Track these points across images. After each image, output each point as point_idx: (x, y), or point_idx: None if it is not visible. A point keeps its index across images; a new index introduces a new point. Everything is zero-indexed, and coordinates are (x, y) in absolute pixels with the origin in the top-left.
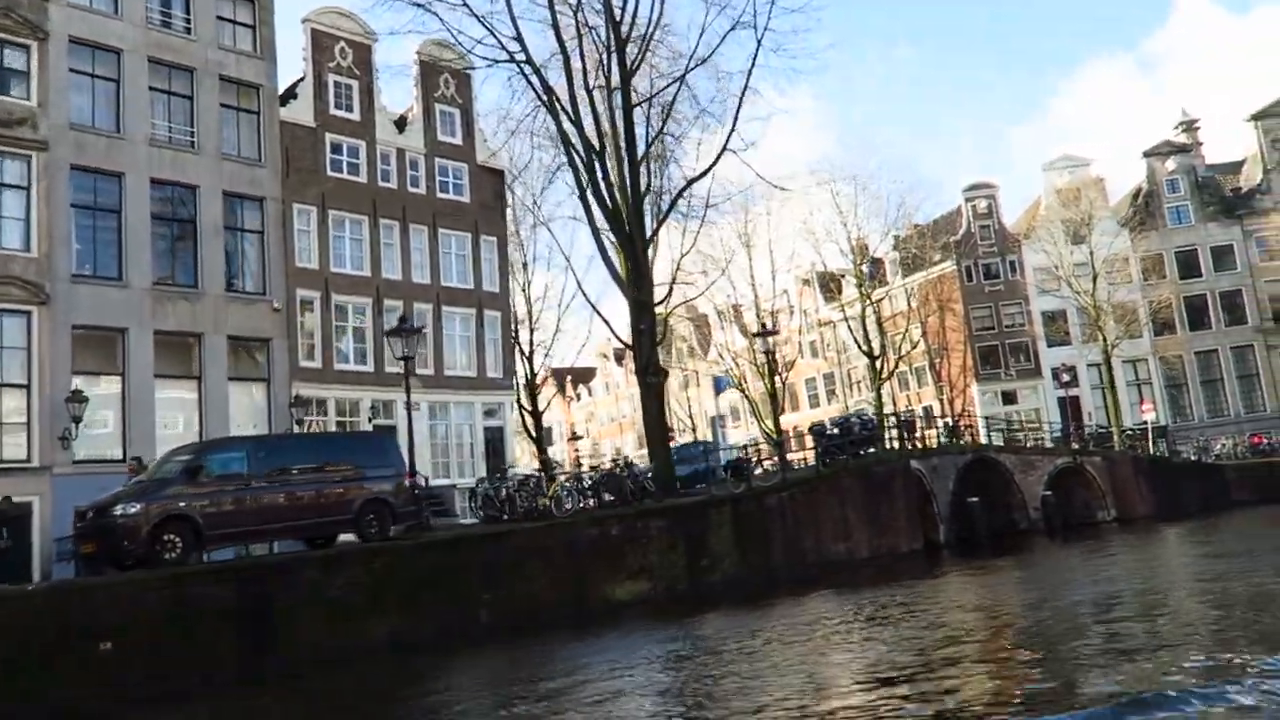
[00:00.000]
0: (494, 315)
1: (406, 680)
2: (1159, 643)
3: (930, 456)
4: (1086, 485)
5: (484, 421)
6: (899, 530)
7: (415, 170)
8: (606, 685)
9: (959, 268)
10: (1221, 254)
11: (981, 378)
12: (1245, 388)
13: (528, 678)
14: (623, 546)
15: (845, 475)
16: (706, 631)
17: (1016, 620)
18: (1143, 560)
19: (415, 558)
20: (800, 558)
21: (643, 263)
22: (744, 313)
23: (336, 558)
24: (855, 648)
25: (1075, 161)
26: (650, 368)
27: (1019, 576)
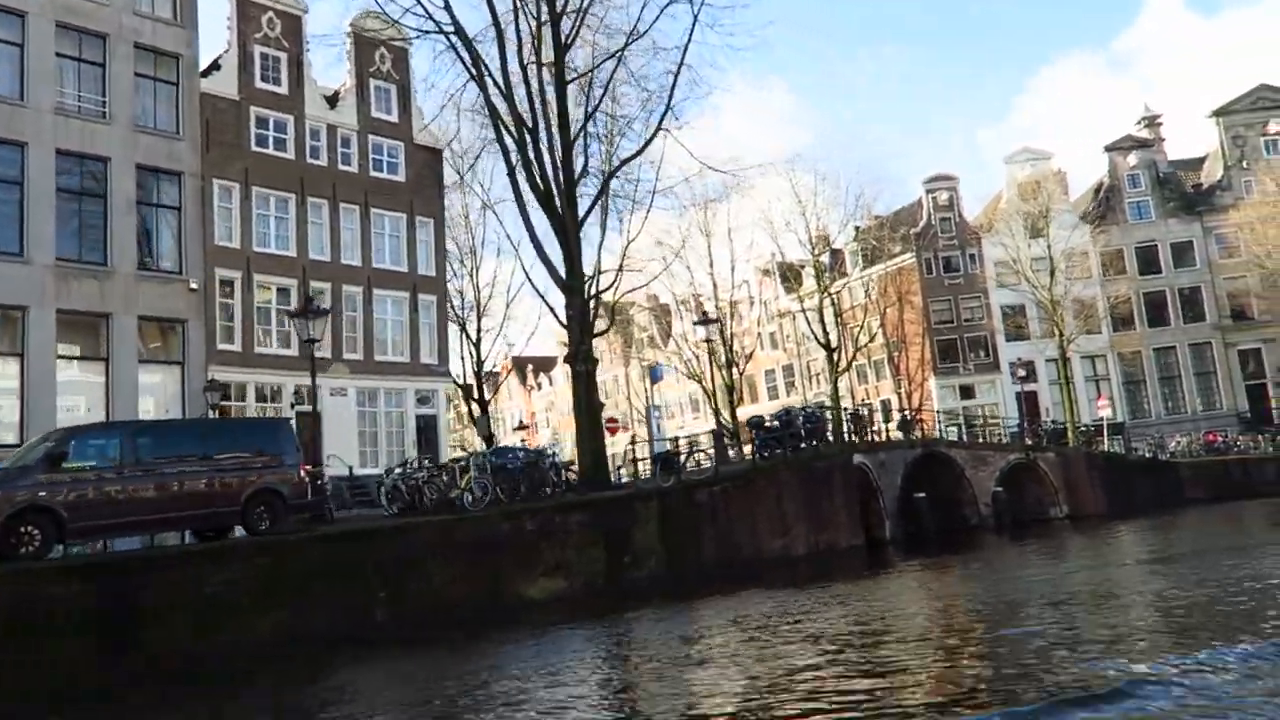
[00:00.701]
0: (429, 299)
1: (285, 682)
2: (1096, 640)
3: (878, 451)
4: (1039, 482)
5: (417, 409)
6: (839, 526)
7: (347, 147)
8: (498, 690)
9: (919, 260)
10: (1181, 250)
11: (939, 372)
12: (1203, 385)
13: (420, 686)
14: (539, 542)
15: (784, 469)
16: (617, 631)
17: (944, 619)
18: (1087, 558)
19: (306, 553)
20: (733, 554)
21: (574, 246)
22: (705, 303)
23: (215, 553)
24: (770, 649)
25: (1036, 154)
26: (581, 355)
27: (958, 574)
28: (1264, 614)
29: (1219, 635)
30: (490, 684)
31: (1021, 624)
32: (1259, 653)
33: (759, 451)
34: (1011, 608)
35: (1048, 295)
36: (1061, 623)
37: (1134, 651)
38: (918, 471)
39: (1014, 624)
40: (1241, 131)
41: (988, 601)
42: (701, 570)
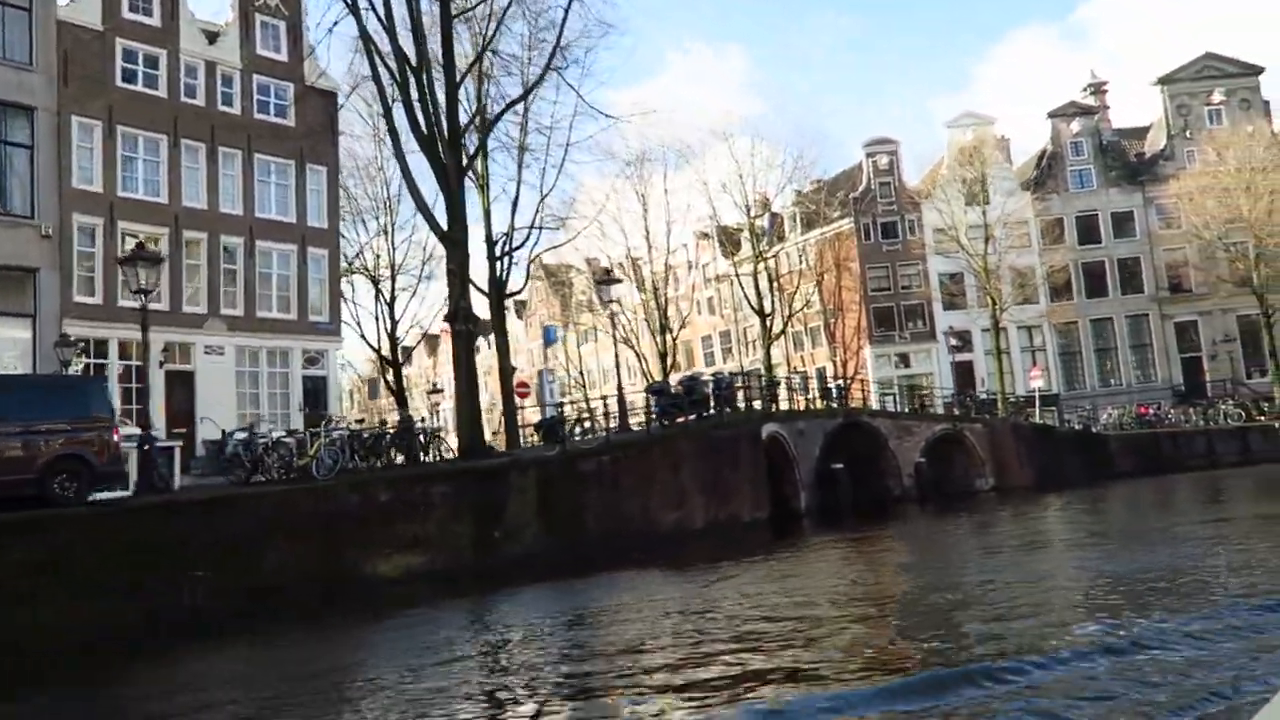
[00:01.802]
0: (320, 253)
1: (72, 684)
2: (988, 615)
3: (795, 420)
4: (966, 453)
5: (304, 370)
6: (743, 498)
7: (229, 87)
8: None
9: (856, 225)
10: (1122, 220)
11: (875, 340)
12: (1139, 357)
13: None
14: (394, 515)
15: (683, 439)
16: (471, 613)
17: (820, 600)
18: (1003, 533)
19: (109, 528)
20: (622, 528)
21: (457, 195)
22: (642, 267)
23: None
24: (621, 631)
25: (979, 119)
26: (461, 313)
27: (859, 549)
28: (1177, 590)
29: (1126, 613)
30: (290, 679)
31: (915, 603)
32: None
33: (659, 419)
34: (903, 584)
35: (982, 263)
36: (954, 602)
37: (1031, 632)
38: (839, 442)
39: (901, 603)
40: (1186, 101)
41: (879, 580)
42: (585, 544)
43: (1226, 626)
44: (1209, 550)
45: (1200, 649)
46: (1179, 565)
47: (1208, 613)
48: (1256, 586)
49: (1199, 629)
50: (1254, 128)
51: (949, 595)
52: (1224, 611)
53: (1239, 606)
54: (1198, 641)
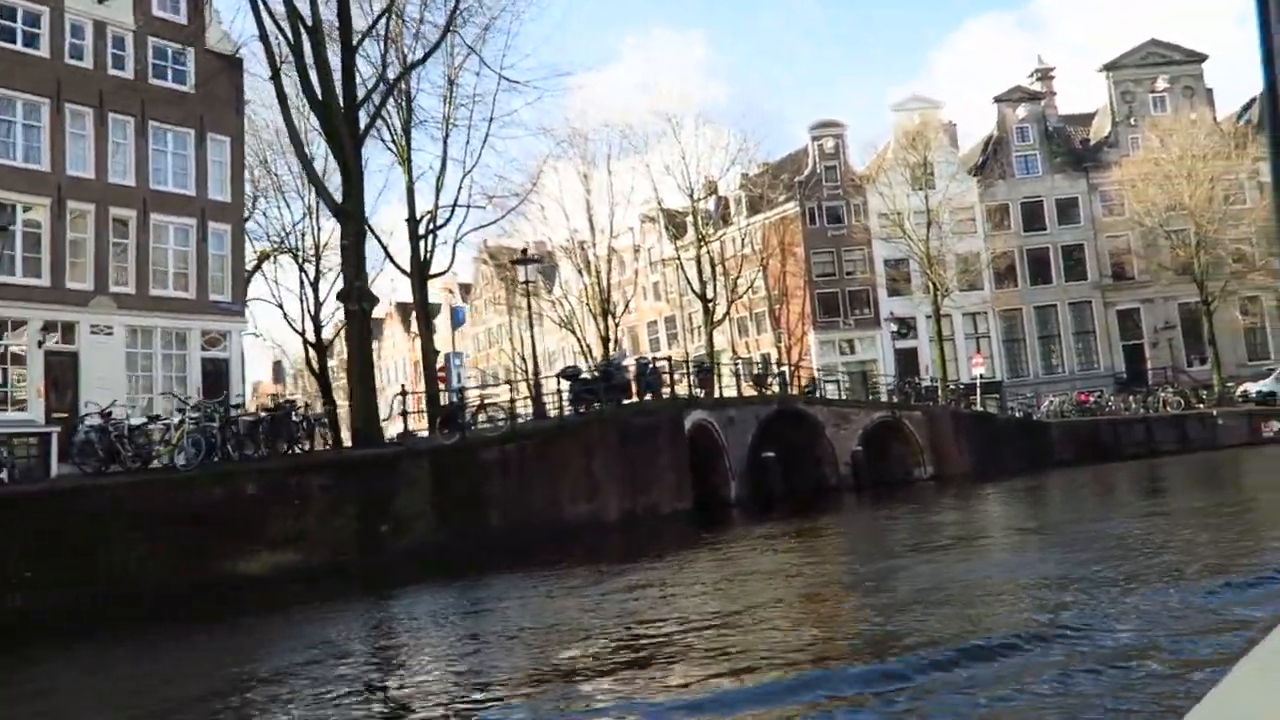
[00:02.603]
0: (222, 228)
1: None
2: (912, 611)
3: (726, 407)
4: (905, 441)
5: (204, 352)
6: (662, 488)
7: (120, 49)
8: None
9: (801, 209)
10: (1066, 207)
11: (820, 326)
12: (1082, 345)
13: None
14: (265, 508)
15: (597, 426)
16: (303, 624)
17: (733, 597)
18: (934, 523)
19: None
20: (528, 520)
21: (353, 166)
22: (587, 250)
23: None
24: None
25: (925, 103)
26: (355, 292)
27: (787, 542)
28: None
29: (1062, 606)
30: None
31: (837, 597)
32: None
33: (573, 406)
34: (825, 578)
35: (925, 249)
36: (880, 597)
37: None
38: (774, 430)
39: (822, 599)
40: (1131, 87)
41: (795, 575)
42: (487, 538)
43: (1166, 613)
44: (1141, 543)
45: (1138, 637)
46: (1113, 557)
47: (1138, 601)
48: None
49: (1136, 620)
50: (1196, 115)
51: (874, 588)
52: (1159, 601)
53: (1176, 594)
54: (1135, 630)
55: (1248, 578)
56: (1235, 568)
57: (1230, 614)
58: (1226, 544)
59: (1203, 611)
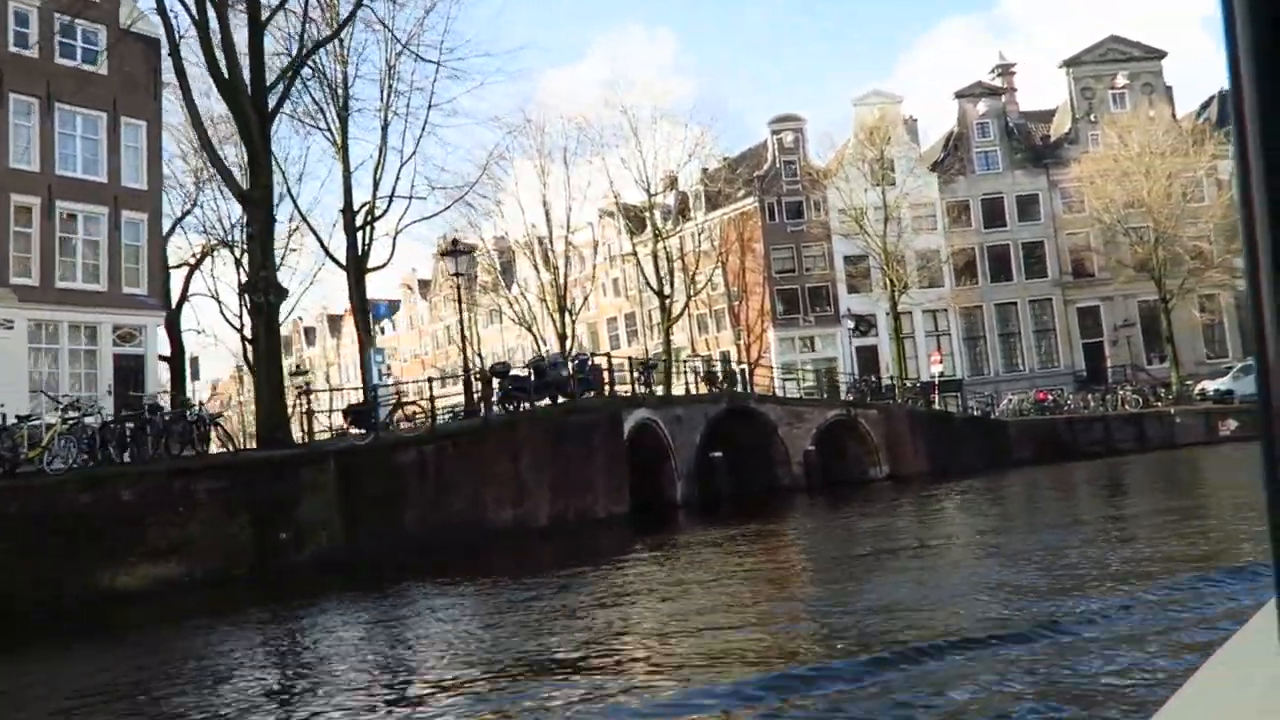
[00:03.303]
0: (138, 217)
1: None
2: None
3: (673, 406)
4: (860, 440)
5: (116, 348)
6: (596, 491)
7: (24, 26)
8: None
9: (761, 205)
10: (1027, 204)
11: (779, 323)
12: (1042, 342)
13: None
14: (142, 516)
15: (526, 426)
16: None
17: (654, 610)
18: (885, 526)
19: None
20: (446, 526)
21: (261, 150)
22: (548, 246)
23: None
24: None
25: (886, 97)
26: (261, 283)
27: (729, 547)
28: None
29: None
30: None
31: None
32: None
33: (502, 404)
34: (766, 584)
35: (882, 245)
36: (820, 608)
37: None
38: (725, 429)
39: (759, 608)
40: (1091, 84)
41: (722, 582)
42: (400, 546)
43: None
44: (1087, 554)
45: (1096, 639)
46: (1058, 565)
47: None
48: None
49: (1098, 626)
50: (1155, 112)
51: (809, 595)
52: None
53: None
54: (1090, 635)
55: (1211, 577)
56: (1186, 569)
57: (1200, 611)
58: (1181, 547)
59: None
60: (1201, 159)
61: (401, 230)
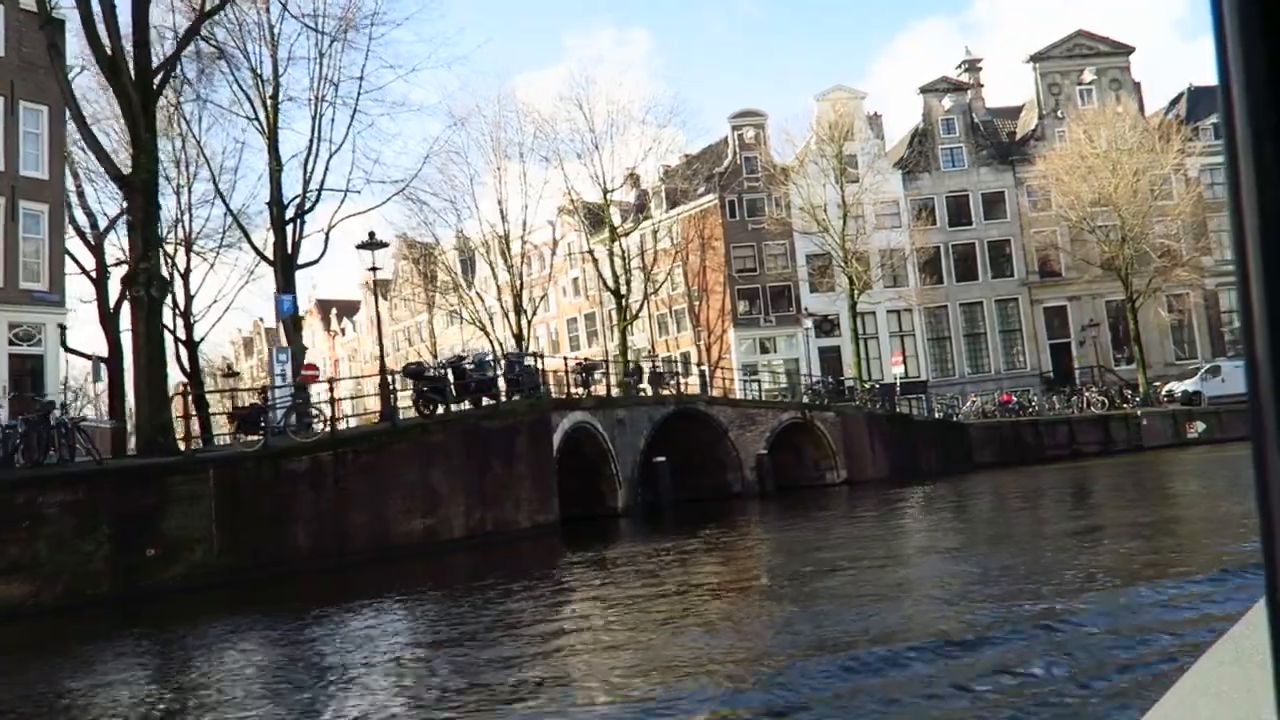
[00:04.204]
0: (37, 209)
1: None
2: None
3: (614, 408)
4: (816, 444)
5: (13, 347)
6: (519, 501)
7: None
8: None
9: (721, 202)
10: (993, 202)
11: (740, 323)
12: (1008, 343)
13: None
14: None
15: (439, 431)
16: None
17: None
18: (833, 532)
19: None
20: (345, 541)
21: (143, 130)
22: (513, 244)
23: None
24: None
25: (850, 93)
26: (142, 275)
27: (663, 562)
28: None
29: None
30: None
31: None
32: None
33: (417, 407)
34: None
35: (841, 242)
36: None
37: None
38: (674, 433)
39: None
40: (1057, 79)
41: (638, 602)
42: (290, 563)
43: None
44: (1037, 568)
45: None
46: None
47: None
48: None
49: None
50: (1123, 107)
51: (733, 614)
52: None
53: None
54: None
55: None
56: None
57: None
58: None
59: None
60: (1169, 155)
61: (335, 225)
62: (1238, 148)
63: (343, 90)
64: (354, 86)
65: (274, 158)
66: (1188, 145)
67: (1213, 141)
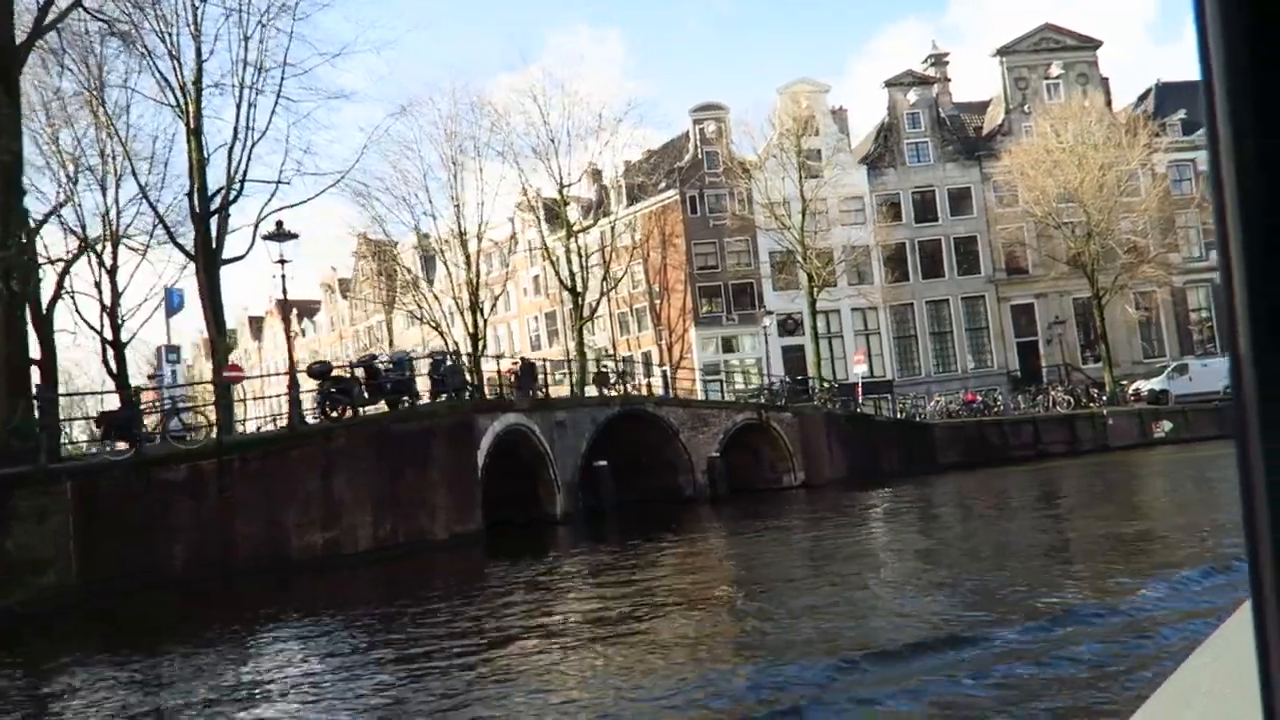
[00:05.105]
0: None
1: None
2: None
3: (552, 409)
4: (772, 445)
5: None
6: (434, 510)
7: None
8: None
9: (682, 198)
10: (959, 198)
11: (702, 322)
12: (975, 341)
13: None
14: None
15: (344, 435)
16: None
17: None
18: (789, 538)
19: None
20: (230, 557)
21: (3, 104)
22: (468, 242)
23: None
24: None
25: (814, 86)
26: (2, 265)
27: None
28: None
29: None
30: None
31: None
32: None
33: (321, 409)
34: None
35: (800, 237)
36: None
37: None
38: (620, 435)
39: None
40: (1024, 74)
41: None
42: (163, 584)
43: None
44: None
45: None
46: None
47: None
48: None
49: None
50: (1090, 102)
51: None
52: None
53: None
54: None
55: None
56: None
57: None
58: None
59: None
60: (1136, 151)
61: (265, 218)
62: (1219, 145)
63: (273, 77)
64: (281, 72)
65: (197, 147)
66: (1155, 140)
67: (1181, 137)
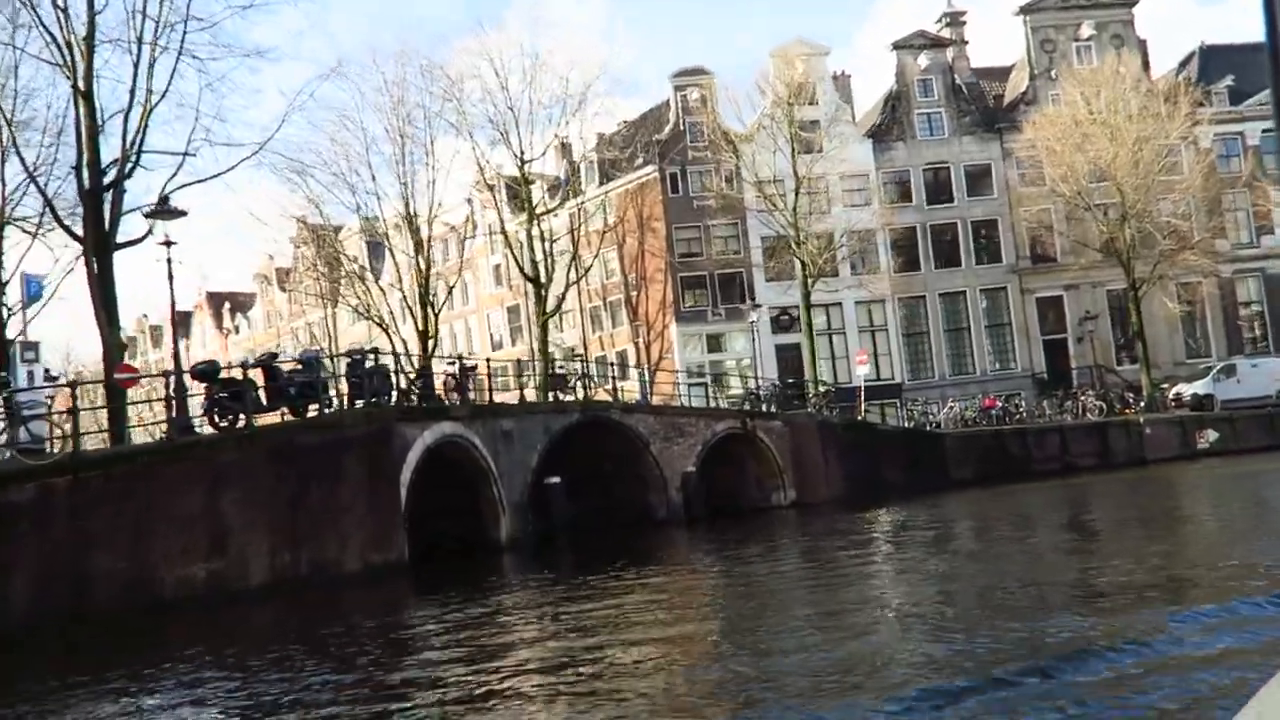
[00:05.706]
0: None
1: None
2: None
3: (497, 417)
4: (759, 458)
5: None
6: (345, 537)
7: None
8: None
9: (662, 175)
10: (978, 176)
11: (684, 317)
12: (995, 339)
13: None
14: None
15: (235, 448)
16: None
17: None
18: (764, 573)
19: None
20: (85, 592)
21: None
22: (420, 226)
23: None
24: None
25: (812, 49)
26: None
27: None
28: None
29: None
30: None
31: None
32: None
33: (209, 417)
34: None
35: (792, 218)
36: None
37: None
38: (580, 447)
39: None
40: (1051, 35)
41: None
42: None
43: None
44: None
45: None
46: None
47: None
48: None
49: None
50: (1124, 67)
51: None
52: None
53: None
54: None
55: None
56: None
57: None
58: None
59: None
60: (1177, 122)
61: (169, 195)
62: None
63: (176, 32)
64: (184, 26)
65: (88, 113)
66: (1198, 111)
67: (1228, 107)
